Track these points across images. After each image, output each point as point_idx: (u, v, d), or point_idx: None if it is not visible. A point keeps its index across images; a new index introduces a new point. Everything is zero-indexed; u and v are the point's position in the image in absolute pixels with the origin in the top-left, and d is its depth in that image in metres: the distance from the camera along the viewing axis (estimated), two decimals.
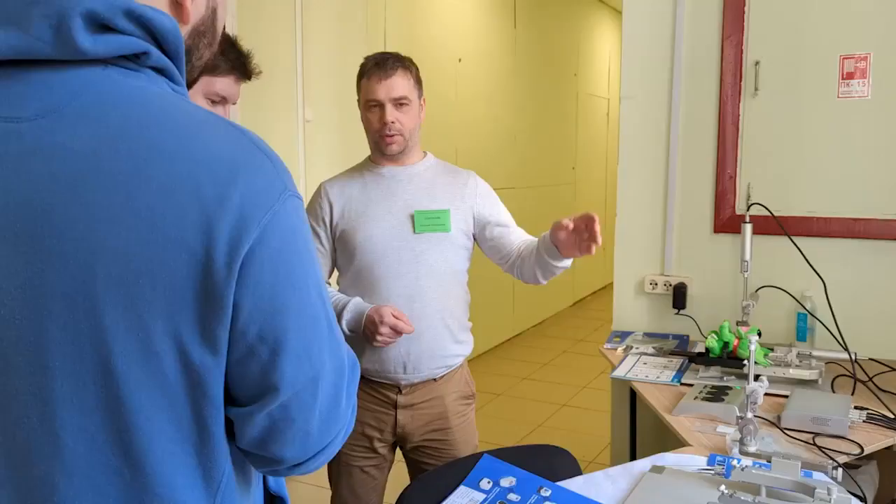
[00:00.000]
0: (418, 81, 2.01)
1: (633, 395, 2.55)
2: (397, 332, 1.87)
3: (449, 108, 5.07)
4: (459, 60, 5.18)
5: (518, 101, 6.01)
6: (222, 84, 1.50)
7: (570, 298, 7.28)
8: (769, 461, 1.50)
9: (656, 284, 2.80)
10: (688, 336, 2.69)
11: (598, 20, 7.57)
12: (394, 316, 1.86)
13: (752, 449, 1.59)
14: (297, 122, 3.47)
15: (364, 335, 1.90)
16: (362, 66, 1.97)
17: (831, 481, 1.45)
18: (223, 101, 1.52)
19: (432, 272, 1.98)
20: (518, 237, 2.10)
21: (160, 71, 0.81)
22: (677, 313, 2.74)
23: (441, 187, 2.04)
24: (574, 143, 7.11)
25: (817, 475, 1.53)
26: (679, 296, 2.73)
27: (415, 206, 1.99)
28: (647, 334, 2.77)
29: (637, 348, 2.59)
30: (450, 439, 2.05)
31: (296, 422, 0.81)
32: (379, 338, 1.86)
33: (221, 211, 0.73)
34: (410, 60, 2.01)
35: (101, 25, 0.74)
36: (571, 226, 1.83)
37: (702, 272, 2.74)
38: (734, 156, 2.64)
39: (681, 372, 2.31)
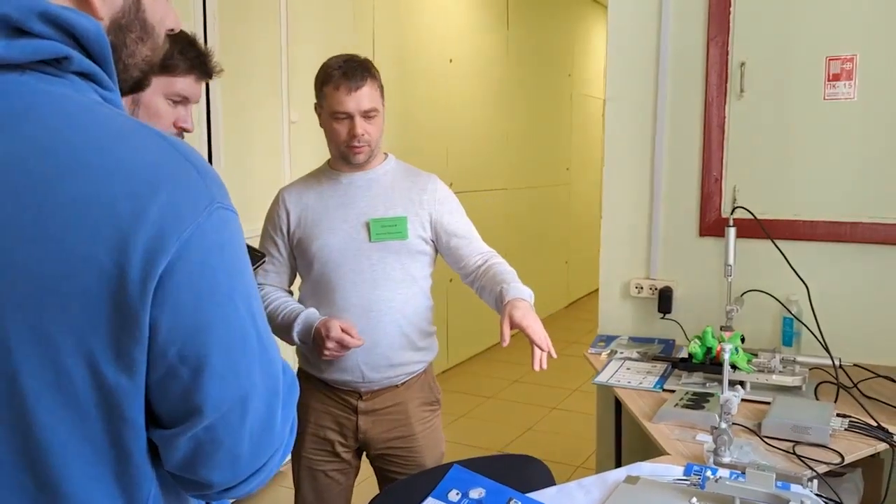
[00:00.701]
0: (381, 87, 1.97)
1: (619, 400, 2.52)
2: (344, 346, 1.84)
3: (439, 109, 5.04)
4: (451, 61, 5.14)
5: (511, 102, 5.97)
6: (182, 84, 1.47)
7: (565, 300, 7.25)
8: (745, 472, 1.47)
9: (642, 288, 2.76)
10: (674, 340, 2.66)
11: (594, 20, 7.53)
12: (342, 329, 1.83)
13: (726, 459, 1.56)
14: (283, 123, 3.43)
15: (314, 347, 1.88)
16: (326, 72, 1.91)
17: (807, 493, 1.42)
18: (184, 100, 1.49)
19: (389, 280, 1.95)
20: (476, 250, 2.04)
21: (86, 76, 0.77)
22: (663, 317, 2.70)
23: (399, 193, 2.00)
24: (568, 144, 7.07)
25: (796, 487, 1.50)
26: (665, 300, 2.70)
27: (371, 213, 1.95)
28: (632, 339, 2.74)
29: (621, 353, 2.56)
30: (414, 446, 2.03)
31: (224, 444, 0.77)
32: (326, 352, 1.84)
33: (137, 226, 0.69)
34: (373, 65, 1.96)
35: (15, 29, 0.71)
36: (506, 340, 1.76)
37: (687, 276, 2.71)
38: (720, 158, 2.61)
39: (664, 378, 2.28)
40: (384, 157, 2.05)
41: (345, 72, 1.87)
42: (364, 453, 2.09)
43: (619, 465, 2.41)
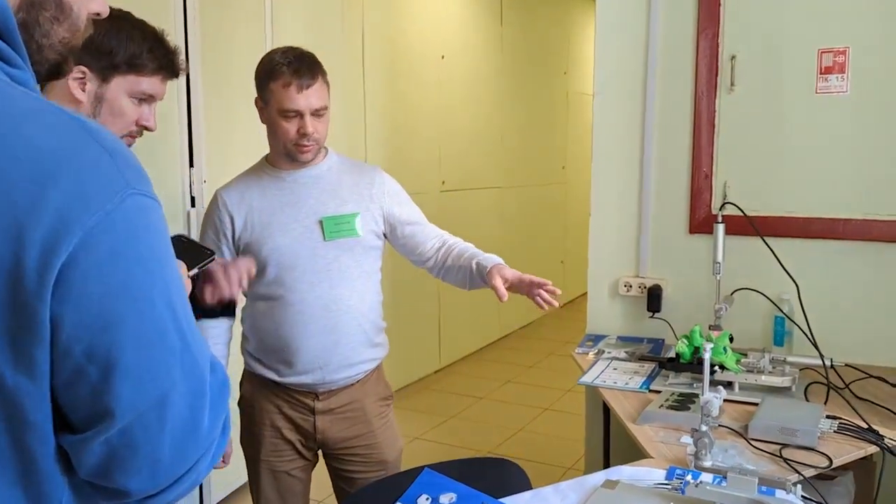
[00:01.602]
0: (328, 83, 1.89)
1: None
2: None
3: (431, 106, 4.98)
4: (442, 57, 5.08)
5: (505, 99, 5.91)
6: (148, 83, 1.42)
7: (562, 299, 7.19)
8: (727, 476, 1.41)
9: (630, 286, 2.70)
10: (663, 340, 2.60)
11: (590, 17, 7.47)
12: None
13: (707, 463, 1.50)
14: None
15: None
16: (271, 67, 1.82)
17: (790, 498, 1.36)
18: (149, 99, 1.44)
19: (346, 278, 1.90)
20: (430, 234, 2.03)
21: None
22: (652, 316, 2.64)
23: (347, 188, 1.94)
24: (564, 143, 7.01)
25: (780, 492, 1.44)
26: (654, 298, 2.64)
27: (322, 212, 1.89)
28: (620, 338, 2.68)
29: (609, 353, 2.50)
30: (374, 443, 2.00)
31: (141, 449, 0.71)
32: None
33: (35, 214, 0.64)
34: (319, 60, 1.88)
35: None
36: (504, 294, 1.80)
37: (677, 274, 2.65)
38: (710, 153, 2.55)
39: (651, 378, 2.22)
40: (325, 151, 1.98)
41: (296, 69, 1.79)
42: (323, 454, 2.05)
43: (607, 467, 2.35)
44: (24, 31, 0.76)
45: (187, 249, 1.11)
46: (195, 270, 1.08)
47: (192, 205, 3.01)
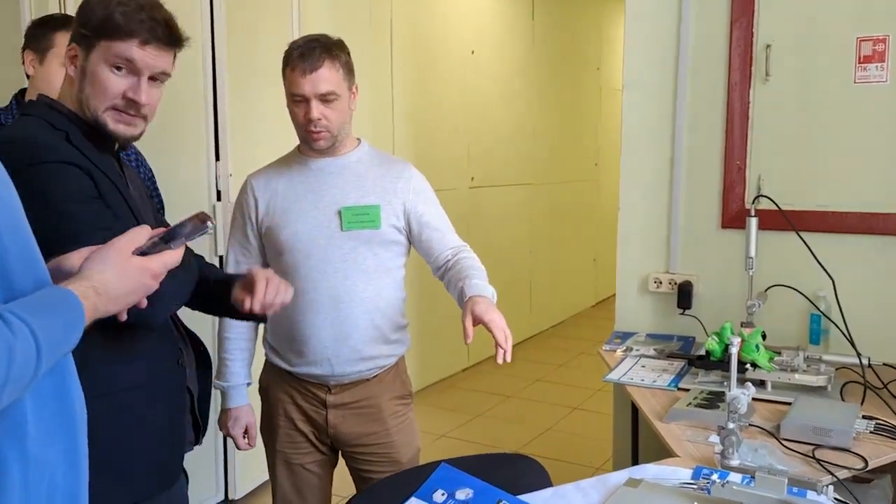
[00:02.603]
0: (349, 70, 1.84)
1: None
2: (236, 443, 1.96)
3: (460, 102, 4.94)
4: (472, 52, 5.04)
5: (536, 95, 5.85)
6: (123, 48, 1.30)
7: (592, 299, 7.11)
8: (755, 476, 1.35)
9: (661, 283, 2.64)
10: (693, 338, 2.54)
11: (623, 11, 7.38)
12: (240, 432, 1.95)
13: (734, 462, 1.44)
14: None
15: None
16: (287, 53, 1.81)
17: (822, 499, 1.30)
18: (131, 66, 1.32)
19: (361, 271, 1.86)
20: (448, 244, 1.92)
21: None
22: (682, 313, 2.58)
23: (372, 180, 1.90)
24: (596, 139, 6.93)
25: (811, 494, 1.38)
26: (684, 295, 2.57)
27: (343, 201, 1.86)
28: (650, 335, 2.62)
29: (637, 350, 2.44)
30: (388, 441, 1.95)
31: None
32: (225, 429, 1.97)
33: None
34: (340, 46, 1.84)
35: None
36: (468, 336, 1.64)
37: (708, 270, 2.58)
38: (743, 146, 2.48)
39: (680, 376, 2.17)
40: (356, 142, 1.95)
41: (301, 53, 1.76)
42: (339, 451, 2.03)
43: (635, 465, 2.30)
44: None
45: (189, 222, 1.10)
46: (180, 241, 1.08)
47: (219, 198, 3.01)
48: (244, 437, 1.95)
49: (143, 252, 1.06)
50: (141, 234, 1.08)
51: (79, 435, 0.96)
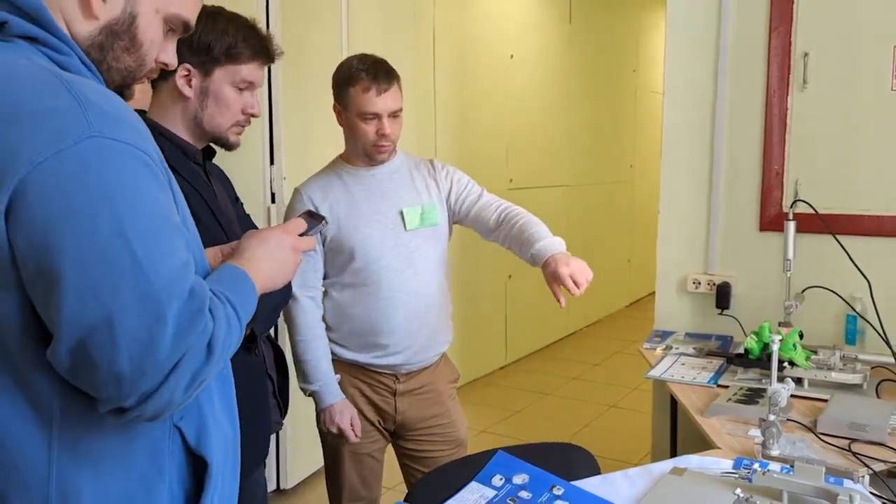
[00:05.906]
0: (401, 87, 2.01)
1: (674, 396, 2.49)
2: (343, 435, 1.99)
3: (499, 105, 5.04)
4: (511, 57, 5.14)
5: (573, 98, 5.93)
6: (247, 70, 1.53)
7: (627, 299, 7.16)
8: (794, 465, 1.44)
9: (699, 283, 2.72)
10: (731, 337, 2.61)
11: (659, 15, 7.41)
12: (348, 424, 1.98)
13: (774, 452, 1.53)
14: None
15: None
16: (350, 73, 1.94)
17: (858, 487, 1.38)
18: (250, 86, 1.54)
19: (427, 266, 2.03)
20: (492, 206, 2.06)
21: (33, 40, 0.87)
22: (720, 313, 2.66)
23: (420, 181, 2.07)
24: (632, 141, 6.98)
25: (848, 482, 1.46)
26: (722, 295, 2.65)
27: (401, 203, 2.02)
28: (688, 334, 2.70)
29: (676, 348, 2.53)
30: (449, 421, 2.12)
31: (99, 362, 0.80)
32: (330, 427, 1.99)
33: None
34: (392, 67, 1.99)
35: None
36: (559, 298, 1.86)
37: (746, 271, 2.65)
38: (781, 151, 2.55)
39: (719, 374, 2.25)
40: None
41: (374, 74, 1.91)
42: (395, 436, 2.15)
43: None
44: (100, 52, 0.92)
45: (311, 216, 1.24)
46: (311, 232, 1.20)
47: (273, 201, 3.14)
48: (352, 428, 2.00)
49: None
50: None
51: (232, 392, 1.08)
